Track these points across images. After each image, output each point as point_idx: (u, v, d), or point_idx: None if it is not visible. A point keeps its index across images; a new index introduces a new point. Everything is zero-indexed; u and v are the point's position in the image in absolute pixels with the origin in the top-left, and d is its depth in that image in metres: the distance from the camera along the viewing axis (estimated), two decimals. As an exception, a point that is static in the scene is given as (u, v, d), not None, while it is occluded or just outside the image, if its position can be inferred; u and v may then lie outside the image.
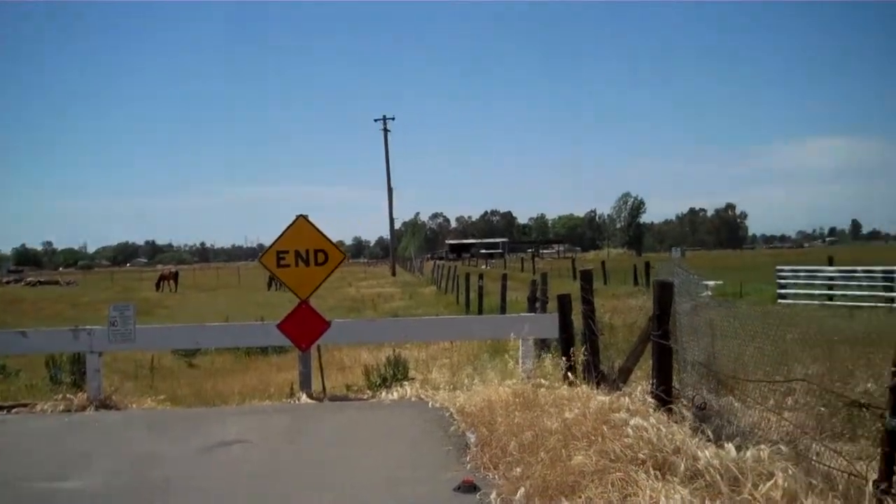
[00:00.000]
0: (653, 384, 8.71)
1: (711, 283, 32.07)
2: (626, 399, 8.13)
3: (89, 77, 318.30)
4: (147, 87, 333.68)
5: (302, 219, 12.36)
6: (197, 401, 13.38)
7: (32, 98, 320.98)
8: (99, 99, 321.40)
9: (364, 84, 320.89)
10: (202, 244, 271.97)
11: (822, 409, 8.80)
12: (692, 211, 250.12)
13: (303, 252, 12.26)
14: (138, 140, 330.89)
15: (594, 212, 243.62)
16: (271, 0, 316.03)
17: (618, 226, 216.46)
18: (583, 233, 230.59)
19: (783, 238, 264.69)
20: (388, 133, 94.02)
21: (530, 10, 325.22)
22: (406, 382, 12.88)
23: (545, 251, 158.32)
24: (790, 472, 6.02)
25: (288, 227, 12.34)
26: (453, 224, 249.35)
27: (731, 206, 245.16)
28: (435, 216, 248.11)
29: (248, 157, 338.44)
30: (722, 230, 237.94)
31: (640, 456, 6.45)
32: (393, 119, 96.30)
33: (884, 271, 30.12)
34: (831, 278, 32.07)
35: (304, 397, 11.86)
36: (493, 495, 6.49)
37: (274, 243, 12.38)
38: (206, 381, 17.11)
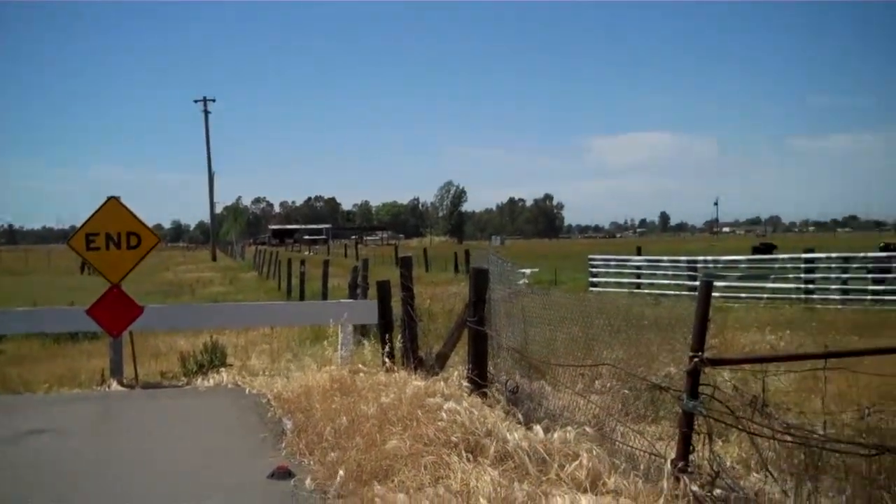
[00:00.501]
0: (468, 369, 8.86)
1: (528, 270, 32.95)
2: (442, 384, 8.24)
3: None
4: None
5: (113, 200, 11.89)
6: (2, 388, 12.66)
7: None
8: None
9: (185, 66, 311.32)
10: (10, 226, 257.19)
11: (627, 392, 9.19)
12: (512, 201, 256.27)
13: (114, 235, 11.80)
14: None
15: (417, 199, 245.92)
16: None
17: (440, 214, 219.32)
18: (406, 220, 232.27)
19: (597, 228, 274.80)
20: (209, 115, 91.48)
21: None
22: (223, 369, 12.61)
23: (369, 238, 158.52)
24: (594, 452, 6.25)
25: (98, 209, 11.83)
26: (277, 209, 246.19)
27: (549, 197, 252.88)
28: (258, 201, 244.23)
29: (62, 135, 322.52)
30: (540, 220, 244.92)
31: (453, 439, 6.55)
32: (214, 101, 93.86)
33: (688, 261, 31.76)
34: (639, 267, 33.52)
35: (115, 385, 11.45)
36: (307, 481, 6.45)
37: (83, 225, 11.85)
38: (10, 369, 16.22)
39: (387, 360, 10.22)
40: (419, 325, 11.26)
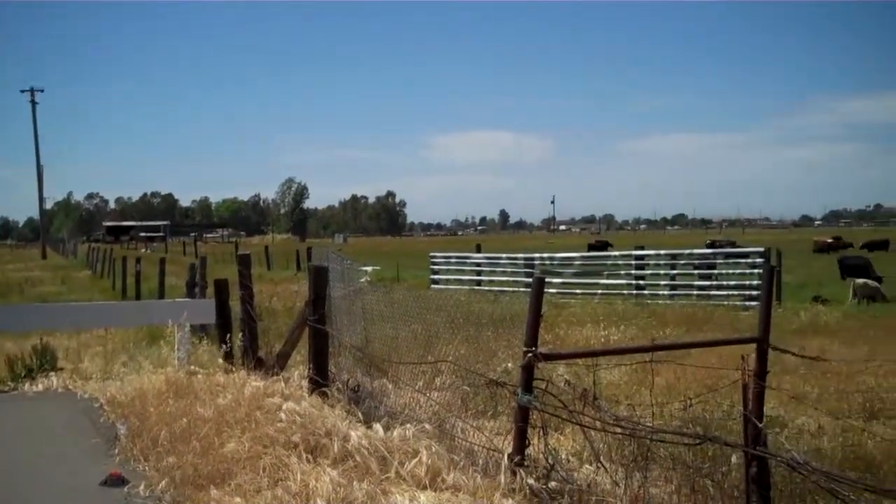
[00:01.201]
0: (309, 368, 8.78)
1: (369, 268, 32.96)
2: (282, 384, 8.12)
3: None
4: None
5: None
6: None
7: None
8: None
9: (11, 55, 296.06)
10: None
11: (467, 388, 9.30)
12: (354, 198, 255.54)
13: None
14: None
15: (258, 196, 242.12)
16: None
17: (282, 211, 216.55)
18: (248, 217, 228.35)
19: (440, 226, 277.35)
20: (37, 106, 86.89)
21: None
22: (54, 373, 12.04)
23: (209, 235, 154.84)
24: (434, 449, 6.29)
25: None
26: (112, 205, 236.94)
27: (391, 194, 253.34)
28: (91, 196, 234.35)
29: None
30: (383, 217, 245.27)
31: (293, 440, 6.47)
32: (42, 91, 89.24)
33: (525, 258, 32.42)
34: (479, 265, 33.98)
35: (-67, 391, 10.78)
36: (141, 487, 6.24)
37: None
38: None
39: (225, 360, 10.00)
40: (259, 324, 11.08)
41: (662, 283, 27.43)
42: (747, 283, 24.50)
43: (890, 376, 11.83)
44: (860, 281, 25.53)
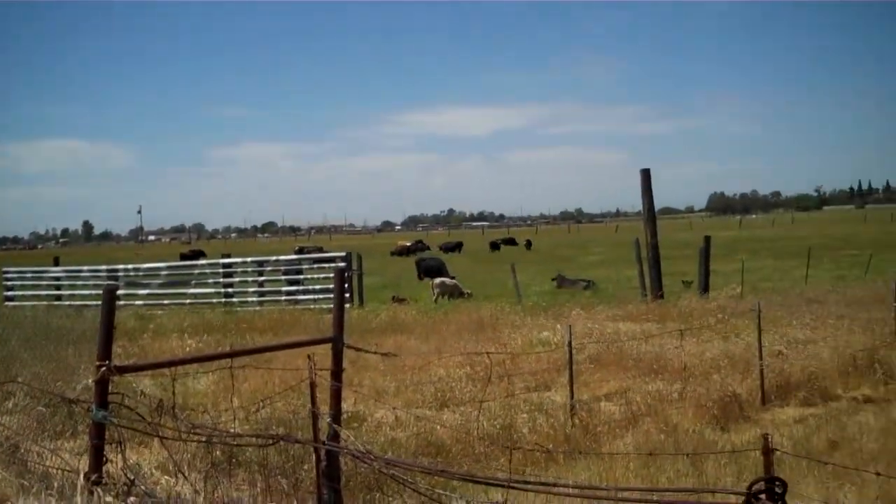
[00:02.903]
0: None
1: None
2: None
3: None
4: None
5: None
6: None
7: None
8: None
9: None
10: None
11: (43, 409, 8.73)
12: None
13: None
14: None
15: None
16: None
17: None
18: None
19: (16, 240, 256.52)
20: None
21: None
22: None
23: None
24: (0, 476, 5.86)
25: None
26: None
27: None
28: None
29: None
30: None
31: None
32: None
33: (108, 270, 30.97)
34: (58, 278, 31.95)
35: None
36: None
37: None
38: None
39: None
40: None
41: (251, 289, 27.57)
42: (332, 286, 25.32)
43: (457, 367, 12.86)
44: (438, 280, 27.59)
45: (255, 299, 26.73)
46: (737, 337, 14.69)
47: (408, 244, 66.38)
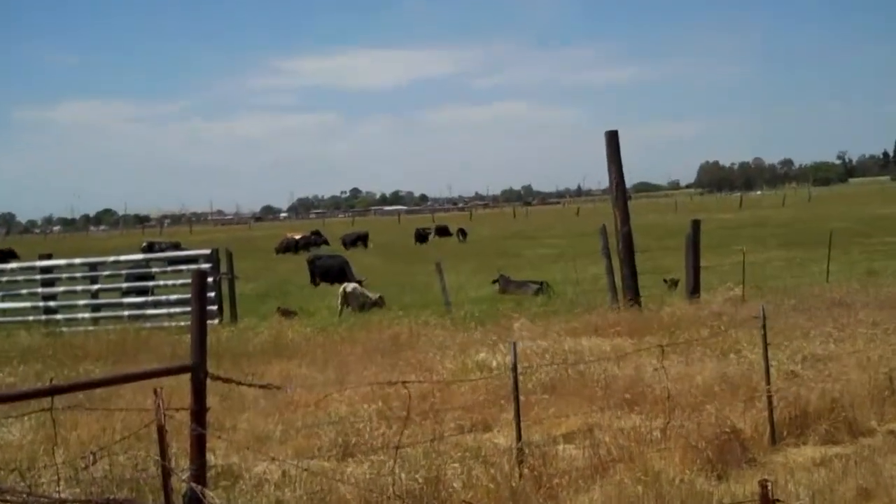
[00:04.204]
0: None
1: None
2: None
3: None
4: None
5: None
6: None
7: None
8: None
9: None
10: None
11: None
12: None
13: None
14: None
15: None
16: None
17: None
18: None
19: None
20: None
21: None
22: None
23: None
24: None
25: None
26: None
27: None
28: None
29: None
30: None
31: None
32: None
33: None
34: None
35: None
36: None
37: None
38: None
39: None
40: None
41: (81, 303, 27.03)
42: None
43: (365, 402, 12.81)
44: (350, 286, 27.00)
45: (87, 315, 26.27)
46: (737, 354, 14.87)
47: (297, 237, 65.90)
